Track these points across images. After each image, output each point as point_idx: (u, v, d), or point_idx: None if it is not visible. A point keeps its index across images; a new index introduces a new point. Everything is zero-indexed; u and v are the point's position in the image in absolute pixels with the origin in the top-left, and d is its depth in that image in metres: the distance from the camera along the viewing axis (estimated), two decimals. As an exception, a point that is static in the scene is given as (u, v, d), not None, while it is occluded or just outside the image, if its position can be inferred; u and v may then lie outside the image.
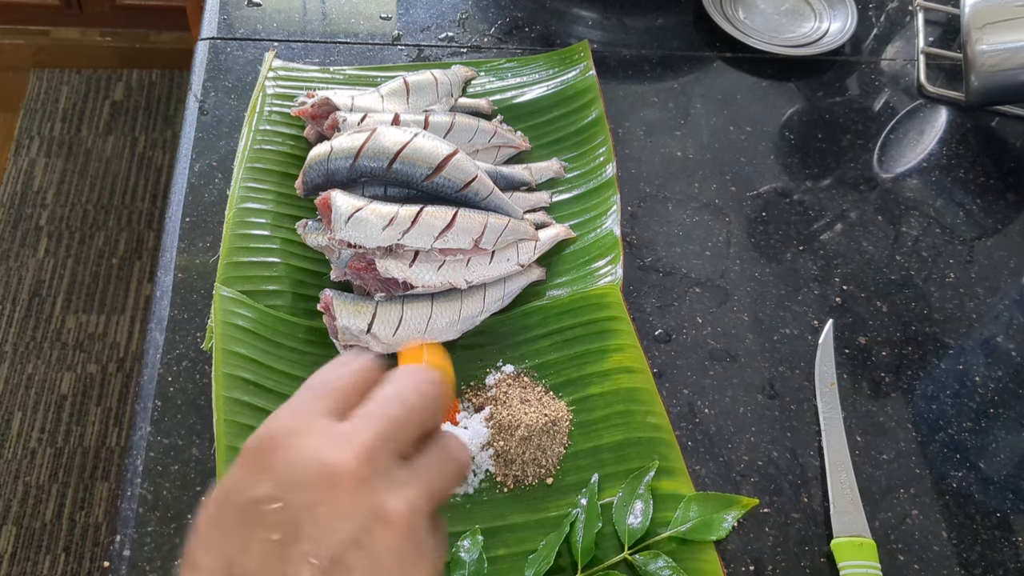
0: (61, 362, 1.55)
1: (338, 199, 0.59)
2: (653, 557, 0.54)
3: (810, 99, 0.85)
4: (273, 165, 0.69)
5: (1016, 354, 0.69)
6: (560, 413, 0.59)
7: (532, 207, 0.71)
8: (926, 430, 0.64)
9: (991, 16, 0.79)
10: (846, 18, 0.90)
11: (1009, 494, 0.62)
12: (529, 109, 0.78)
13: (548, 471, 0.58)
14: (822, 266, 0.72)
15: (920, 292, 0.72)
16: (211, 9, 0.83)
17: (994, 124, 0.86)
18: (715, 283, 0.70)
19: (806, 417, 0.63)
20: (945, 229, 0.77)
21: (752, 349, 0.66)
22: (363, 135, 0.62)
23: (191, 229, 0.67)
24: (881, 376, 0.66)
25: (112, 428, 1.49)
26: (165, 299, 0.63)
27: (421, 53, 0.83)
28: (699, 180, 0.77)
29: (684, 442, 0.61)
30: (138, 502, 0.54)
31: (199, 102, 0.75)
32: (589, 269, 0.68)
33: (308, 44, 0.81)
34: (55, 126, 1.86)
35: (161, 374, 0.60)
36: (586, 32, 0.87)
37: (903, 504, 0.60)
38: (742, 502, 0.57)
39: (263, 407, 0.57)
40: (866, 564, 0.55)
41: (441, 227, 0.60)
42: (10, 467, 1.43)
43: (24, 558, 1.35)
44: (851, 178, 0.79)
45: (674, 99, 0.83)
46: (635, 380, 0.62)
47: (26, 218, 1.72)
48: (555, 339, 0.64)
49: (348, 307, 0.59)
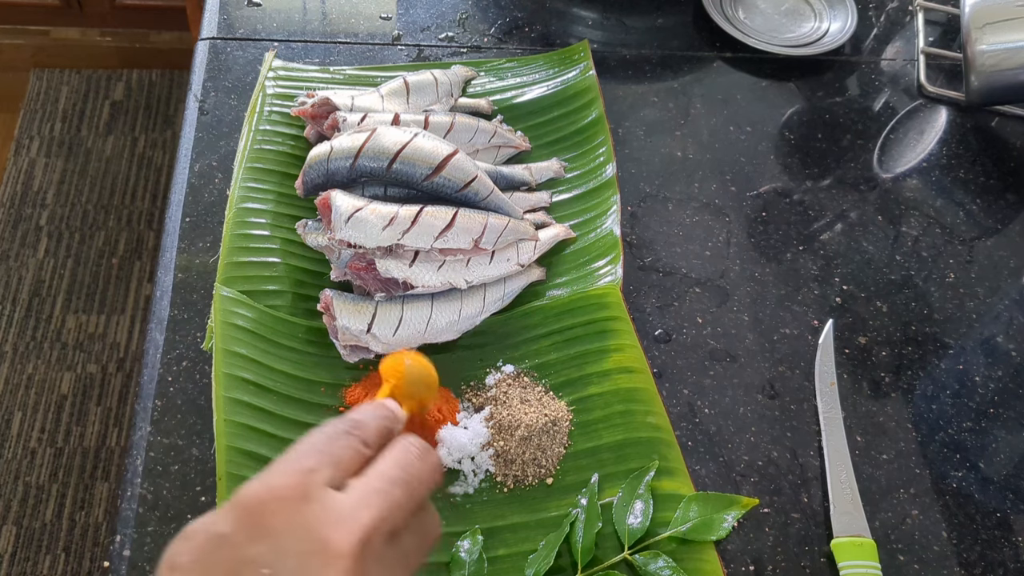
0: (61, 362, 1.55)
1: (338, 199, 0.59)
2: (653, 557, 0.54)
3: (810, 99, 0.85)
4: (273, 165, 0.69)
5: (1016, 354, 0.69)
6: (560, 413, 0.59)
7: (532, 207, 0.71)
8: (926, 430, 0.64)
9: (991, 16, 0.79)
10: (846, 18, 0.90)
11: (1009, 494, 0.62)
12: (529, 109, 0.78)
13: (548, 471, 0.58)
14: (822, 266, 0.72)
15: (920, 292, 0.72)
16: (211, 9, 0.83)
17: (994, 124, 0.86)
18: (715, 283, 0.70)
19: (806, 417, 0.63)
20: (945, 229, 0.77)
21: (752, 349, 0.66)
22: (363, 135, 0.62)
23: (191, 229, 0.67)
24: (881, 376, 0.66)
25: (112, 428, 1.49)
26: (165, 299, 0.63)
27: (421, 53, 0.83)
28: (699, 180, 0.77)
29: (684, 442, 0.61)
30: (138, 502, 0.54)
31: (199, 102, 0.75)
32: (589, 269, 0.68)
33: (308, 44, 0.81)
34: (55, 126, 1.86)
35: (161, 374, 0.60)
36: (586, 32, 0.87)
37: (903, 504, 0.60)
38: (742, 502, 0.57)
39: (263, 407, 0.57)
40: (866, 564, 0.55)
41: (441, 227, 0.60)
42: (10, 467, 1.43)
43: (24, 558, 1.35)
44: (851, 178, 0.79)
45: (674, 99, 0.83)
46: (635, 380, 0.62)
47: (26, 218, 1.72)
48: (555, 339, 0.64)
49: (348, 307, 0.59)
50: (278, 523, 0.31)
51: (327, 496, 0.32)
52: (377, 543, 0.32)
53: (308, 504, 0.32)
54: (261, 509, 0.32)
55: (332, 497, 0.32)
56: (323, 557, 0.31)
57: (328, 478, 0.33)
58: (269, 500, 0.32)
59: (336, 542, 0.31)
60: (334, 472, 0.34)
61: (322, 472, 0.33)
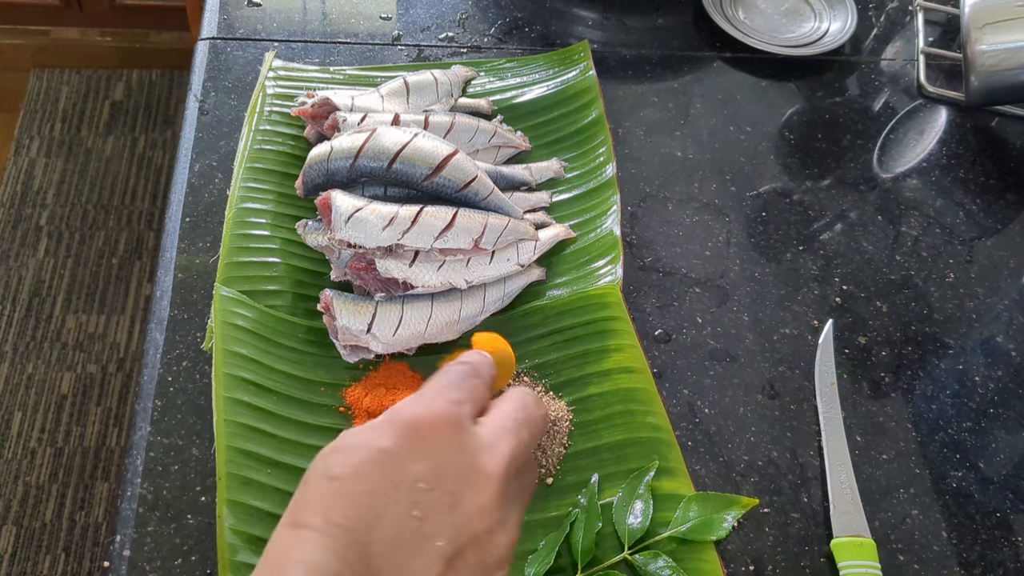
0: (61, 362, 1.55)
1: (338, 199, 0.59)
2: (653, 557, 0.54)
3: (810, 99, 0.85)
4: (273, 165, 0.69)
5: (1016, 354, 0.69)
6: (560, 413, 0.59)
7: (532, 207, 0.71)
8: (926, 430, 0.64)
9: (991, 16, 0.79)
10: (846, 18, 0.90)
11: (1009, 494, 0.62)
12: (529, 109, 0.78)
13: (548, 471, 0.58)
14: (822, 266, 0.72)
15: (920, 292, 0.72)
16: (211, 9, 0.83)
17: (994, 124, 0.86)
18: (715, 283, 0.70)
19: (806, 417, 0.63)
20: (945, 229, 0.77)
21: (752, 349, 0.66)
22: (363, 135, 0.62)
23: (191, 229, 0.67)
24: (881, 376, 0.66)
25: (112, 428, 1.49)
26: (165, 299, 0.63)
27: (421, 53, 0.83)
28: (699, 180, 0.77)
29: (684, 442, 0.61)
30: (138, 502, 0.54)
31: (199, 102, 0.75)
32: (589, 269, 0.68)
33: (308, 44, 0.81)
34: (55, 126, 1.86)
35: (161, 374, 0.60)
36: (586, 32, 0.87)
37: (903, 504, 0.60)
38: (742, 502, 0.57)
39: (263, 407, 0.57)
40: (866, 564, 0.55)
41: (441, 227, 0.60)
42: (10, 467, 1.43)
43: (24, 558, 1.35)
44: (851, 178, 0.79)
45: (674, 99, 0.83)
46: (635, 380, 0.62)
47: (26, 218, 1.72)
48: (555, 339, 0.64)
49: (348, 307, 0.59)
50: (437, 445, 0.33)
51: (472, 427, 0.35)
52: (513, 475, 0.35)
53: (460, 431, 0.34)
54: (421, 430, 0.34)
55: (476, 428, 0.35)
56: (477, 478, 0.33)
57: (470, 413, 0.36)
58: (427, 423, 0.34)
59: (488, 466, 0.34)
60: (473, 407, 0.37)
61: (467, 405, 0.36)
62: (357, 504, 0.31)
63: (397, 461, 0.33)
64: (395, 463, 0.32)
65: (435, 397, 0.36)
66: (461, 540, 0.32)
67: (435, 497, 0.32)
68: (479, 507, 0.33)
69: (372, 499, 0.31)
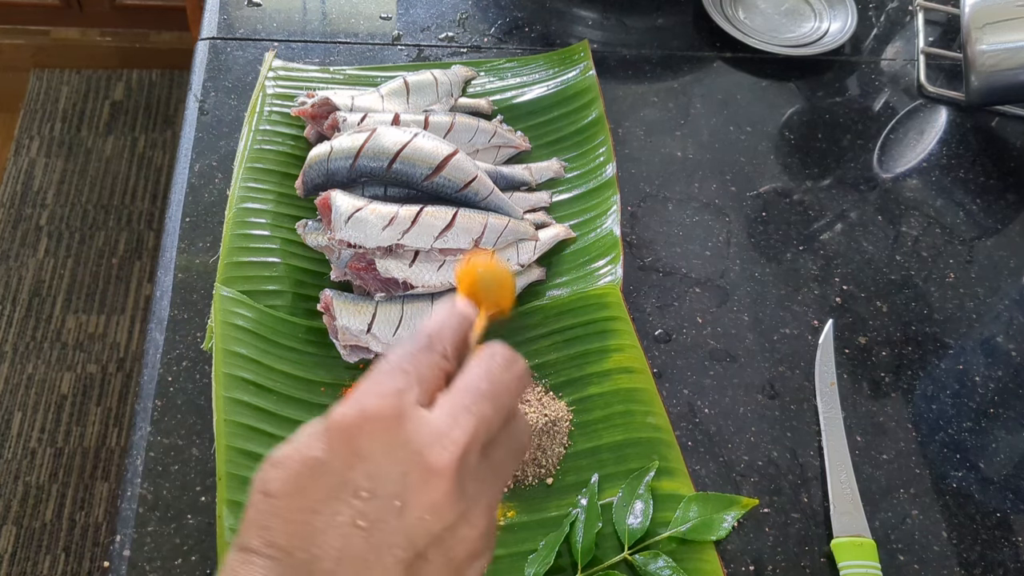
0: (61, 362, 1.55)
1: (338, 199, 0.59)
2: (653, 557, 0.54)
3: (810, 99, 0.85)
4: (273, 165, 0.69)
5: (1016, 354, 0.69)
6: (560, 413, 0.59)
7: (532, 207, 0.71)
8: (926, 430, 0.64)
9: (991, 16, 0.79)
10: (846, 18, 0.90)
11: (1009, 494, 0.62)
12: (529, 109, 0.78)
13: (548, 471, 0.58)
14: (822, 266, 0.72)
15: (920, 292, 0.72)
16: (211, 9, 0.83)
17: (994, 124, 0.86)
18: (715, 283, 0.70)
19: (806, 417, 0.63)
20: (945, 229, 0.77)
21: (752, 349, 0.66)
22: (363, 135, 0.62)
23: (191, 229, 0.67)
24: (881, 376, 0.66)
25: (112, 428, 1.49)
26: (165, 299, 0.63)
27: (421, 53, 0.83)
28: (699, 180, 0.77)
29: (684, 442, 0.61)
30: (138, 502, 0.54)
31: (199, 102, 0.75)
32: (589, 269, 0.68)
33: (308, 44, 0.81)
34: (55, 126, 1.86)
35: (161, 374, 0.60)
36: (586, 32, 0.87)
37: (903, 504, 0.60)
38: (742, 502, 0.57)
39: (263, 407, 0.57)
40: (866, 564, 0.55)
41: (441, 227, 0.60)
42: (10, 467, 1.43)
43: (24, 558, 1.35)
44: (851, 178, 0.79)
45: (674, 99, 0.83)
46: (635, 380, 0.61)
47: (26, 218, 1.72)
48: (555, 339, 0.64)
49: (348, 307, 0.59)
50: (375, 446, 0.31)
51: (420, 415, 0.32)
52: (472, 459, 0.32)
53: (403, 425, 0.31)
54: (356, 433, 0.31)
55: (424, 416, 0.32)
56: (422, 476, 0.30)
57: (417, 397, 0.32)
58: (363, 423, 0.31)
59: (434, 461, 0.30)
60: (421, 390, 0.33)
61: (412, 392, 0.32)
62: (295, 522, 0.30)
63: (331, 470, 0.30)
64: (330, 473, 0.30)
65: (374, 391, 0.32)
66: (418, 543, 0.30)
67: (379, 504, 0.30)
68: (430, 505, 0.30)
69: (309, 516, 0.30)
